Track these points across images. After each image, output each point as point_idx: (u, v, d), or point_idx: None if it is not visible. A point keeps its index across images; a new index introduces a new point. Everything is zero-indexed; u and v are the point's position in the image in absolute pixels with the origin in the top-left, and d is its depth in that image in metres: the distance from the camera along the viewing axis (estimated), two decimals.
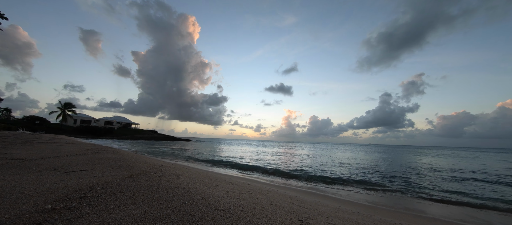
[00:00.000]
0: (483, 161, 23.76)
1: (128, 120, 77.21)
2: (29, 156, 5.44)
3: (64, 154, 6.20)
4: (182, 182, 3.46)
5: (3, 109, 48.19)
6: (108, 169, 4.12)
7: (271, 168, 13.07)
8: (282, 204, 3.48)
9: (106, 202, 2.23)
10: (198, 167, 11.75)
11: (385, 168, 14.61)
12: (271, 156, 22.37)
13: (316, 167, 14.16)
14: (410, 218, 5.12)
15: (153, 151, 22.44)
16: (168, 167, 5.45)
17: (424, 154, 38.21)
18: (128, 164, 4.85)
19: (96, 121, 67.51)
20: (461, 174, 12.96)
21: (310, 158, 21.00)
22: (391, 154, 33.67)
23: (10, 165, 4.06)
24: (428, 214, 5.72)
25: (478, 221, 5.48)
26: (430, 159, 25.70)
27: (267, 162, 15.96)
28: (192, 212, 2.12)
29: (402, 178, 11.01)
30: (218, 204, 2.51)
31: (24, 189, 2.58)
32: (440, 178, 11.55)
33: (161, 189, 2.84)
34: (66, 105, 51.44)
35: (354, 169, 13.69)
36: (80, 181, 3.10)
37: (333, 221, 3.07)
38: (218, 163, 14.85)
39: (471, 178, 11.63)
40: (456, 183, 10.32)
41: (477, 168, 16.37)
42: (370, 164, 17.45)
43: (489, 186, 9.79)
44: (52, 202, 2.18)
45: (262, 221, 2.25)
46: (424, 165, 17.44)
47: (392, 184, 9.46)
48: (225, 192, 3.36)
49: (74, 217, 1.85)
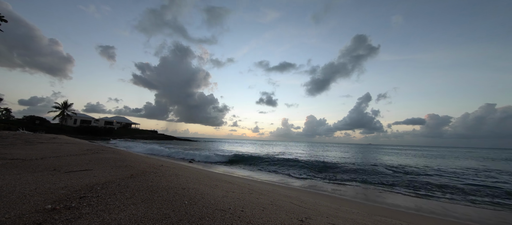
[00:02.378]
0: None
1: (128, 120, 77.15)
2: (29, 156, 5.44)
3: (64, 154, 6.20)
4: (182, 182, 3.46)
5: (3, 109, 48.20)
6: (108, 169, 4.12)
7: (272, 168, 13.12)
8: (282, 204, 3.48)
9: (106, 202, 2.23)
10: (198, 167, 11.74)
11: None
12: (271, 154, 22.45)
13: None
14: (406, 217, 5.12)
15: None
16: (168, 167, 5.45)
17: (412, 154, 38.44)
18: (128, 164, 4.85)
19: (96, 121, 67.50)
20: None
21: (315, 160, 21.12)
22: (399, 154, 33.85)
23: (10, 165, 4.06)
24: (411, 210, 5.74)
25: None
26: (395, 158, 25.80)
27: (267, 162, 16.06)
28: (192, 212, 2.12)
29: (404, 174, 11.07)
30: (218, 204, 2.51)
31: (24, 189, 2.58)
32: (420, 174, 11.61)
33: (161, 189, 2.84)
34: (66, 105, 51.43)
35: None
36: (80, 181, 3.10)
37: (333, 221, 3.07)
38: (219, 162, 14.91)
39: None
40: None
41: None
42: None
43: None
44: (52, 202, 2.18)
45: (262, 221, 2.25)
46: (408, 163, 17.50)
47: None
48: (225, 192, 3.36)
49: (74, 217, 1.85)
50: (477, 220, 5.53)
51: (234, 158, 17.03)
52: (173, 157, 17.71)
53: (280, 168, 13.35)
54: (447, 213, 5.94)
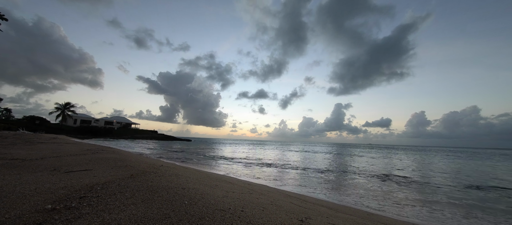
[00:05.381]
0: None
1: (128, 120, 77.13)
2: (29, 156, 5.44)
3: (64, 154, 6.20)
4: (182, 182, 3.46)
5: (3, 109, 48.25)
6: (108, 169, 4.12)
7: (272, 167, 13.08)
8: (282, 204, 3.48)
9: (106, 202, 2.23)
10: (198, 167, 11.74)
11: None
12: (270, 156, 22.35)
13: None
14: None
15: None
16: (168, 167, 5.46)
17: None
18: (128, 164, 4.86)
19: (96, 121, 67.49)
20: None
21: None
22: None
23: (10, 165, 4.06)
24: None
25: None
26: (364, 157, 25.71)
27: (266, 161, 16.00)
28: (192, 212, 2.12)
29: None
30: (218, 204, 2.51)
31: (24, 189, 2.58)
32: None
33: (161, 189, 2.84)
34: (66, 105, 51.48)
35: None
36: (80, 181, 3.10)
37: (333, 221, 3.07)
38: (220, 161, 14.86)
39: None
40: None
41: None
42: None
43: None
44: (52, 202, 2.18)
45: (262, 221, 2.25)
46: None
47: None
48: (225, 192, 3.36)
49: (74, 217, 1.85)
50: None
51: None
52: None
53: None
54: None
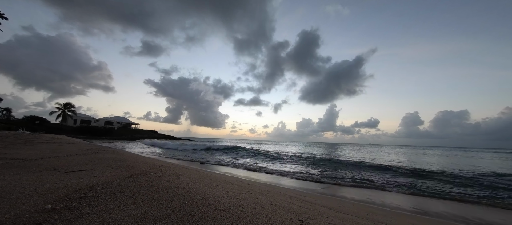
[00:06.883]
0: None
1: (128, 120, 77.13)
2: (29, 156, 5.44)
3: (64, 154, 6.20)
4: (182, 182, 3.46)
5: (3, 109, 48.23)
6: (108, 169, 4.12)
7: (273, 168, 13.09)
8: (282, 204, 3.48)
9: (106, 202, 2.23)
10: (198, 167, 11.74)
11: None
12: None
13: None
14: (404, 218, 5.12)
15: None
16: (168, 167, 5.45)
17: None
18: (128, 164, 4.86)
19: (96, 121, 67.47)
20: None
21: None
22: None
23: (10, 165, 4.06)
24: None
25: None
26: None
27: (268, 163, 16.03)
28: (192, 212, 2.12)
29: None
30: (218, 204, 2.51)
31: (24, 189, 2.58)
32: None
33: (161, 189, 2.84)
34: (66, 105, 51.46)
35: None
36: (80, 181, 3.10)
37: (333, 221, 3.07)
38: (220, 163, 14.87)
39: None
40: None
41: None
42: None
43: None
44: (52, 202, 2.18)
45: (262, 221, 2.25)
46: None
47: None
48: (225, 192, 3.36)
49: (74, 217, 1.85)
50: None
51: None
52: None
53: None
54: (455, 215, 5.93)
